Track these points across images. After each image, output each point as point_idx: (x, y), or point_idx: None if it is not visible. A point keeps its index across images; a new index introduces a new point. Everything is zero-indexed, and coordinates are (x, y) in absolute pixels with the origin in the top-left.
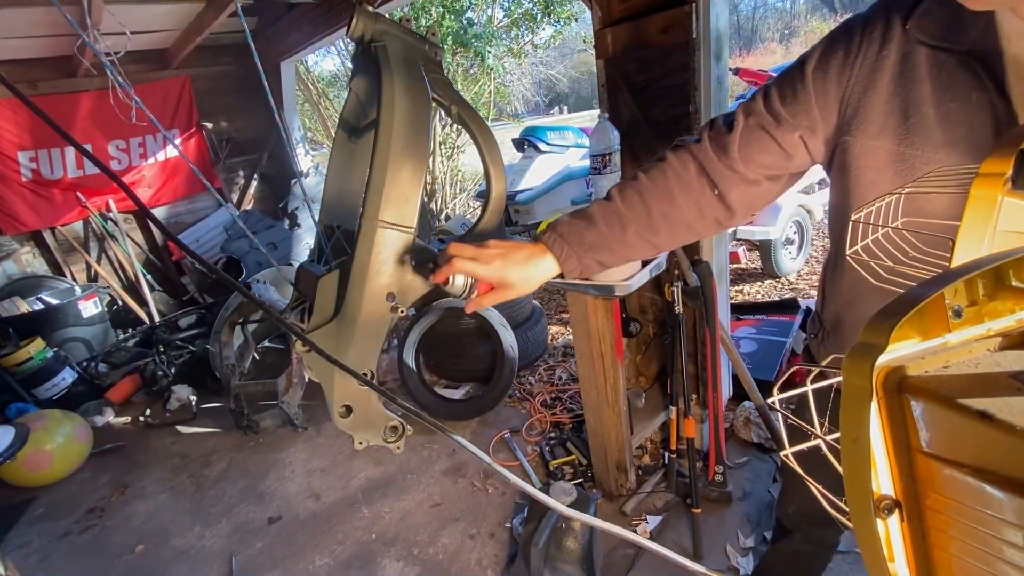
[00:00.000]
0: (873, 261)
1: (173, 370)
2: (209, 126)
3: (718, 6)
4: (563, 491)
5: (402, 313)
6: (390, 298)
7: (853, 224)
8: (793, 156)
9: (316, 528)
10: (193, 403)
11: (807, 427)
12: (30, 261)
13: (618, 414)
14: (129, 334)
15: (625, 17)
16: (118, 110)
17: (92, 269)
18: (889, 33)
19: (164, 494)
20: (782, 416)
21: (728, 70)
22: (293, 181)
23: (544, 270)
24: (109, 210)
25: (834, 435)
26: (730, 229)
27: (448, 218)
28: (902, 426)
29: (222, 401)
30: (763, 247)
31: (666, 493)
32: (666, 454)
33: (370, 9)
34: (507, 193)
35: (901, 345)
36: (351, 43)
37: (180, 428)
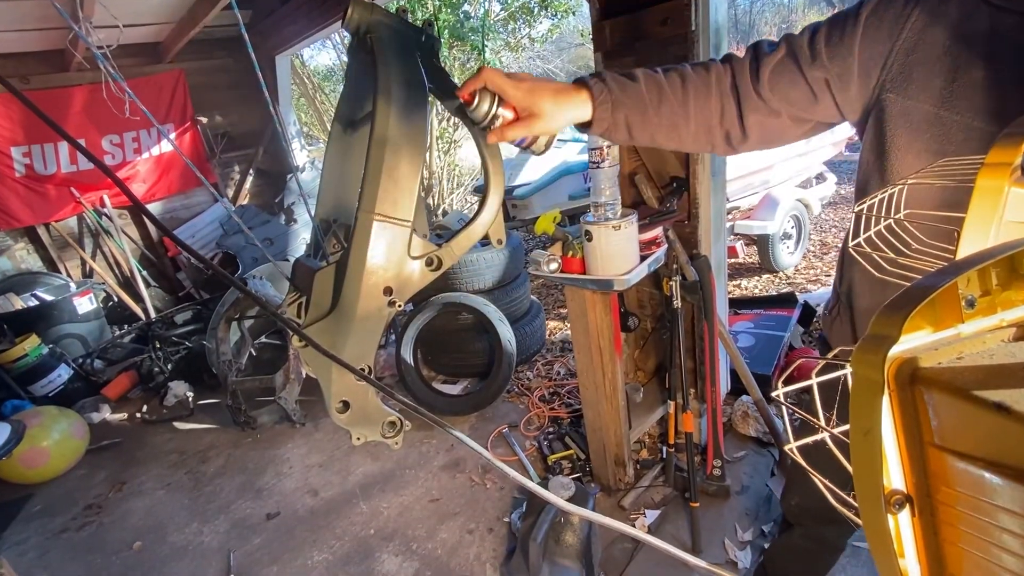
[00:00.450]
0: (875, 253)
1: (170, 366)
2: (204, 121)
3: None
4: (561, 486)
5: (399, 308)
6: (387, 293)
7: (856, 216)
8: (819, 100)
9: (314, 524)
10: (190, 399)
11: (813, 420)
12: (24, 257)
13: (616, 409)
14: (125, 330)
15: (623, 10)
16: (111, 104)
17: (87, 265)
18: None
19: (161, 490)
20: (787, 410)
21: None
22: (289, 176)
23: (575, 107)
24: (104, 205)
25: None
26: (738, 154)
27: (445, 213)
28: (914, 419)
29: (219, 397)
30: (761, 241)
31: (664, 487)
32: (664, 448)
33: (366, 0)
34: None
35: (913, 336)
36: (347, 36)
37: (177, 424)
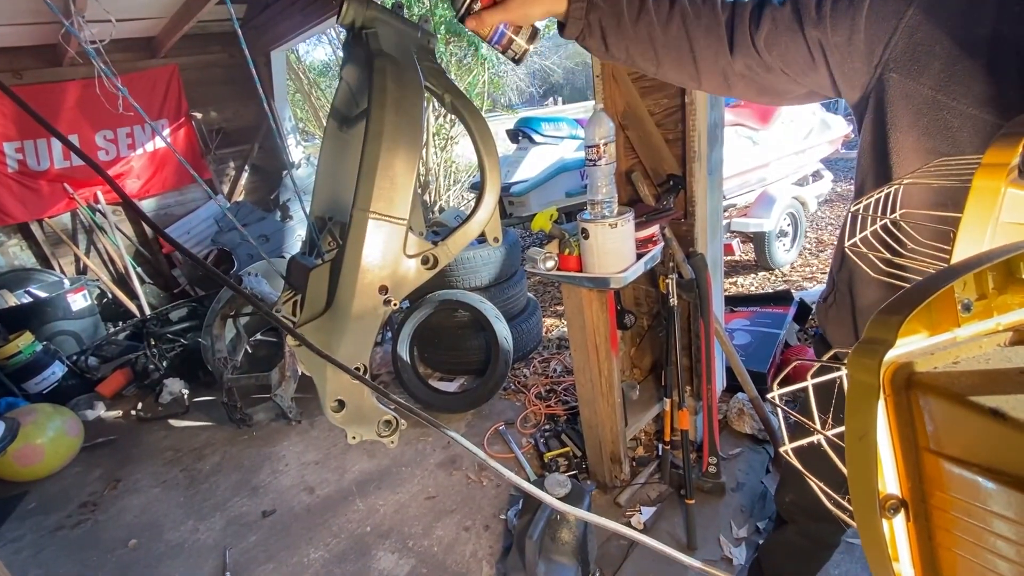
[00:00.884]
0: (871, 253)
1: (165, 363)
2: (199, 116)
3: None
4: (558, 483)
5: (395, 306)
6: (383, 291)
7: (851, 216)
8: (815, 67)
9: (310, 521)
10: (185, 397)
11: (808, 423)
12: (17, 254)
13: (612, 406)
14: (120, 327)
15: None
16: (105, 100)
17: (81, 262)
18: None
19: (157, 488)
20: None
21: None
22: (284, 172)
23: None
24: (97, 202)
25: (835, 430)
26: (719, 96)
27: (442, 210)
28: (910, 424)
29: (215, 395)
30: (757, 239)
31: (660, 484)
32: (660, 446)
33: None
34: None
35: (909, 340)
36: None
37: (172, 422)
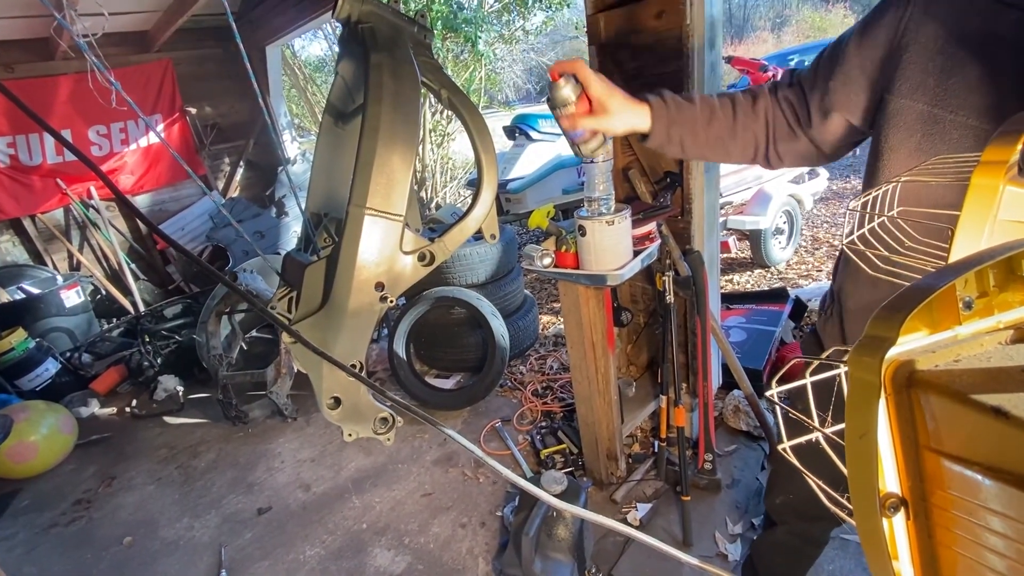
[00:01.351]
0: (869, 250)
1: (159, 360)
2: (193, 111)
3: None
4: (554, 480)
5: (391, 303)
6: (379, 288)
7: (850, 213)
8: (828, 121)
9: (306, 518)
10: (180, 394)
11: (807, 421)
12: (10, 250)
13: (609, 403)
14: (113, 324)
15: (618, 2)
16: (97, 94)
17: (74, 258)
18: None
19: (152, 485)
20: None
21: (721, 58)
22: (280, 168)
23: (637, 116)
24: (91, 197)
25: (834, 428)
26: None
27: (438, 207)
28: (910, 422)
29: (210, 392)
30: (753, 237)
31: (656, 481)
32: (656, 443)
33: None
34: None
35: (909, 338)
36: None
37: (167, 419)
